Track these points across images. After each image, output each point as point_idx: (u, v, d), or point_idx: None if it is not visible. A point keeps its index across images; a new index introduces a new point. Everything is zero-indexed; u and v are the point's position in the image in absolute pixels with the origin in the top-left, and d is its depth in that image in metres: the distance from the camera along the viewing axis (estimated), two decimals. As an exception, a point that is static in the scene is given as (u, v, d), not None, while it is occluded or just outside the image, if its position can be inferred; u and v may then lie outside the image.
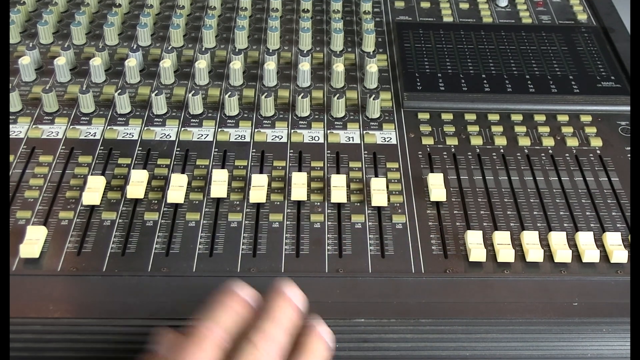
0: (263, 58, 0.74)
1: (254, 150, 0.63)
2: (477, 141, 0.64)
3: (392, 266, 0.53)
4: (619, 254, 0.53)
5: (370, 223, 0.56)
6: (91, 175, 0.59)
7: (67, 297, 0.49)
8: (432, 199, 0.58)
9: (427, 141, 0.64)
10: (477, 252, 0.53)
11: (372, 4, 0.84)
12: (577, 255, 0.54)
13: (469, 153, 0.63)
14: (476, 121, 0.67)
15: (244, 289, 0.44)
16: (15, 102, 0.66)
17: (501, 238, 0.54)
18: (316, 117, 0.67)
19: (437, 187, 0.58)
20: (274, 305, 0.44)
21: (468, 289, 0.51)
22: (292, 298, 0.45)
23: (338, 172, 0.61)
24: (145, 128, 0.65)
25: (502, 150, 0.64)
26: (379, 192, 0.57)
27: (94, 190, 0.57)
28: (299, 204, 0.58)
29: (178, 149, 0.62)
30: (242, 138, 0.64)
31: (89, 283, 0.50)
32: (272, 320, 0.43)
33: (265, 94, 0.66)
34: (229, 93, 0.66)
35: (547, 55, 0.76)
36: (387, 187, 0.59)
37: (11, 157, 0.60)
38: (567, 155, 0.64)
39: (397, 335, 0.49)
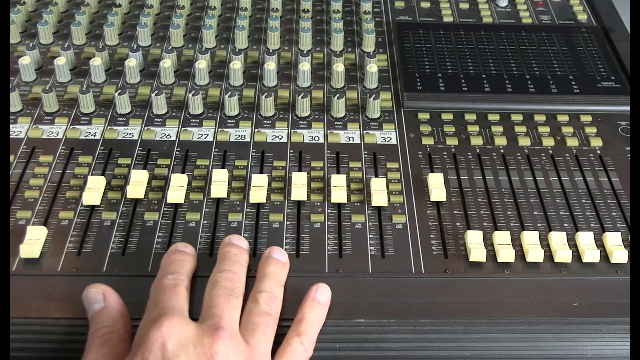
0: (263, 58, 0.74)
1: (254, 150, 0.63)
2: (477, 141, 0.64)
3: (392, 266, 0.53)
4: (619, 254, 0.53)
5: (370, 223, 0.56)
6: (91, 175, 0.59)
7: (67, 297, 0.49)
8: (432, 199, 0.58)
9: (427, 141, 0.64)
10: (477, 252, 0.53)
11: (372, 4, 0.84)
12: (577, 255, 0.54)
13: (469, 153, 0.63)
14: (476, 121, 0.67)
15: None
16: (15, 102, 0.66)
17: (501, 238, 0.54)
18: (316, 117, 0.67)
19: (437, 187, 0.58)
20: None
21: (468, 289, 0.51)
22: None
23: (338, 172, 0.61)
24: (146, 128, 0.64)
25: (502, 150, 0.64)
26: (379, 192, 0.57)
27: (94, 190, 0.57)
28: (299, 204, 0.58)
29: (178, 149, 0.62)
30: (242, 138, 0.64)
31: (89, 283, 0.50)
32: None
33: (265, 94, 0.66)
34: (229, 93, 0.66)
35: (547, 55, 0.75)
36: (387, 187, 0.59)
37: (11, 157, 0.60)
38: (567, 155, 0.64)
39: (397, 335, 0.49)
